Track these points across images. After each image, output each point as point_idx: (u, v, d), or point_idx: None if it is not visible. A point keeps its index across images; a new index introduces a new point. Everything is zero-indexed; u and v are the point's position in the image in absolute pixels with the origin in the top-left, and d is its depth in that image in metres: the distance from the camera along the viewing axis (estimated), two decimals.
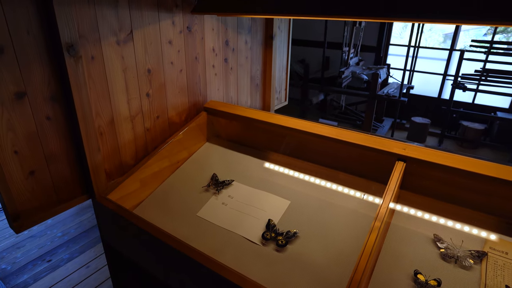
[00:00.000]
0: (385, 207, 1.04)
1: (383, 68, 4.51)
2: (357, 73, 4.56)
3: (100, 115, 1.28)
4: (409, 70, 4.79)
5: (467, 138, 4.54)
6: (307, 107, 4.83)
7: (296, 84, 4.92)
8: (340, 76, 4.15)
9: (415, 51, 4.54)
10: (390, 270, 1.02)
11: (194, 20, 1.56)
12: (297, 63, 5.19)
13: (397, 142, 1.25)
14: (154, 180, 1.47)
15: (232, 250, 1.14)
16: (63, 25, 1.04)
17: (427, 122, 4.63)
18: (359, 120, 5.09)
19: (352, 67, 4.61)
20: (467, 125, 4.52)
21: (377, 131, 4.69)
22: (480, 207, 1.14)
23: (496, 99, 4.73)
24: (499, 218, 1.12)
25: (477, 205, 1.14)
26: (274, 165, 1.51)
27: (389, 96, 4.08)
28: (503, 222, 1.11)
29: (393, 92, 4.27)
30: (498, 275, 0.98)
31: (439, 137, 4.74)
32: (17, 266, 2.28)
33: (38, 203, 1.16)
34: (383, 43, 5.22)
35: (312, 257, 1.09)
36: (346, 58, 4.45)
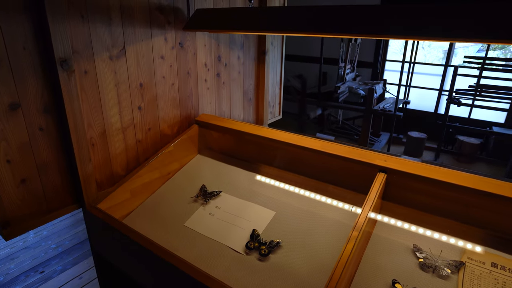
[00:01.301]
0: (363, 216, 1.06)
1: (379, 83, 4.58)
2: (354, 88, 4.63)
3: (92, 126, 1.32)
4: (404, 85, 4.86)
5: (463, 153, 4.56)
6: (304, 121, 4.89)
7: (293, 98, 5.00)
8: (336, 91, 4.22)
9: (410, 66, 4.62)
10: (369, 280, 1.04)
11: (186, 37, 1.63)
12: (295, 78, 5.28)
13: (379, 154, 1.29)
14: (144, 190, 1.51)
15: (216, 259, 1.16)
16: (57, 41, 1.10)
17: (424, 137, 4.67)
18: (357, 134, 5.13)
19: (348, 82, 4.69)
20: (463, 140, 4.55)
21: (374, 145, 4.72)
22: (459, 218, 1.16)
23: (491, 114, 4.77)
24: (477, 228, 1.14)
25: (456, 216, 1.17)
26: (262, 177, 1.54)
27: (384, 111, 4.13)
28: (481, 232, 1.13)
29: (389, 107, 4.32)
30: (474, 284, 1.00)
31: (435, 152, 4.76)
32: (10, 277, 2.28)
33: (28, 211, 1.20)
34: (380, 59, 5.31)
35: (294, 266, 1.11)
36: (342, 74, 4.53)
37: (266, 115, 2.41)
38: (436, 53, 9.41)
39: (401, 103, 4.69)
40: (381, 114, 4.14)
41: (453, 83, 4.24)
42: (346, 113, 5.58)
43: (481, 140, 4.59)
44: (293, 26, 1.30)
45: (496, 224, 1.12)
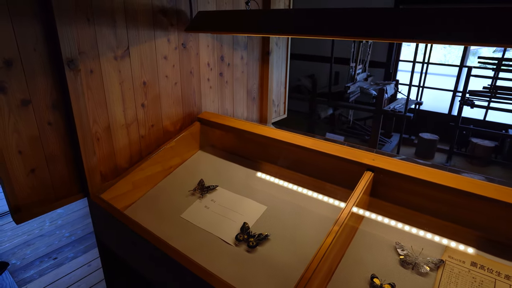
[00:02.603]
0: (346, 212, 1.11)
1: (390, 83, 4.54)
2: (365, 88, 4.61)
3: (97, 122, 1.42)
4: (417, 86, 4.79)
5: (476, 156, 4.46)
6: (314, 121, 4.90)
7: (304, 98, 5.02)
8: (346, 91, 4.22)
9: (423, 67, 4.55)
10: (350, 274, 1.08)
11: (189, 38, 1.71)
12: (306, 77, 5.30)
13: (368, 153, 1.32)
14: (146, 183, 1.59)
15: (206, 249, 1.23)
16: (65, 43, 1.20)
17: (435, 139, 4.59)
18: (367, 135, 5.10)
19: (359, 82, 4.67)
20: (476, 142, 4.45)
21: (384, 146, 4.69)
22: (443, 217, 1.19)
23: (508, 116, 4.64)
24: (461, 227, 1.16)
25: (441, 215, 1.19)
26: (257, 173, 1.60)
27: (394, 111, 4.10)
28: (464, 232, 1.15)
29: (399, 107, 4.28)
30: (451, 282, 1.03)
31: (447, 154, 4.67)
32: (26, 262, 2.44)
33: (37, 198, 1.30)
34: (393, 59, 5.25)
35: (279, 258, 1.16)
36: (353, 74, 4.52)
37: (270, 114, 2.46)
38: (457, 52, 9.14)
39: (413, 104, 4.63)
40: (391, 114, 4.11)
41: (467, 84, 4.16)
42: (358, 114, 5.55)
43: (496, 143, 4.48)
44: (291, 28, 1.34)
45: (480, 225, 1.14)
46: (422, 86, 5.08)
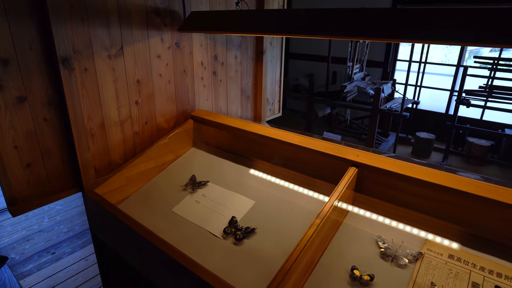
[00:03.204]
0: (328, 206, 1.15)
1: (387, 83, 4.57)
2: (362, 87, 4.64)
3: (92, 118, 1.46)
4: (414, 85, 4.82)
5: (472, 155, 4.49)
6: (312, 120, 4.94)
7: (302, 97, 5.06)
8: (342, 90, 4.25)
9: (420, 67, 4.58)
10: (332, 265, 1.12)
11: (183, 37, 1.75)
12: (305, 77, 5.33)
13: (353, 149, 1.36)
14: (140, 178, 1.64)
15: (195, 242, 1.28)
16: (59, 42, 1.24)
17: (432, 138, 4.62)
18: (365, 134, 5.13)
19: (356, 81, 4.70)
20: (472, 142, 4.48)
21: (381, 145, 4.72)
22: (424, 211, 1.23)
23: (505, 115, 4.66)
24: (441, 221, 1.20)
25: (421, 209, 1.23)
26: (248, 169, 1.64)
27: (391, 110, 4.13)
28: (444, 225, 1.19)
29: (396, 107, 4.31)
30: (428, 274, 1.07)
31: (444, 153, 4.70)
32: (25, 256, 2.49)
33: (33, 192, 1.35)
34: (390, 59, 5.28)
35: (265, 250, 1.20)
36: (350, 73, 4.55)
37: (264, 112, 2.50)
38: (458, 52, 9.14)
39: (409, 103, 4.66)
40: (387, 113, 4.14)
41: (463, 84, 4.19)
42: (356, 113, 5.59)
43: (492, 142, 4.50)
44: (282, 28, 1.38)
45: (459, 219, 1.17)
46: (420, 85, 5.11)
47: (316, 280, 1.08)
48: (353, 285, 1.05)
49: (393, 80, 4.89)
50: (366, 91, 4.63)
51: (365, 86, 4.63)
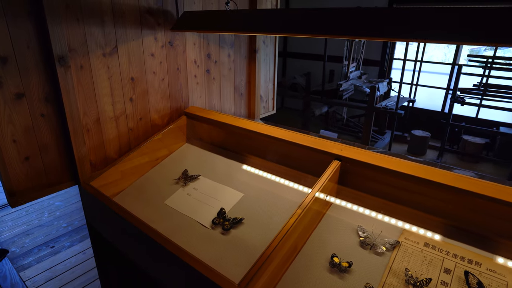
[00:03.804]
0: (310, 197, 1.21)
1: (383, 81, 4.62)
2: (358, 86, 4.69)
3: (87, 114, 1.53)
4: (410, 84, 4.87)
5: (467, 152, 4.54)
6: (308, 118, 5.00)
7: (299, 96, 5.11)
8: (338, 88, 4.31)
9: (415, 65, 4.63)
10: (313, 253, 1.18)
11: (176, 36, 1.81)
12: (302, 75, 5.39)
13: (337, 143, 1.42)
14: (134, 172, 1.70)
15: (185, 232, 1.34)
16: (56, 41, 1.30)
17: (427, 136, 4.67)
18: (361, 132, 5.18)
19: (352, 80, 4.75)
20: (467, 139, 4.53)
21: (377, 143, 4.77)
22: (403, 202, 1.28)
23: (500, 113, 4.71)
24: (418, 212, 1.25)
25: (400, 200, 1.29)
26: (238, 163, 1.70)
27: (386, 108, 4.18)
28: (422, 216, 1.24)
29: (391, 105, 4.36)
30: (404, 261, 1.13)
31: (439, 151, 4.75)
32: (25, 250, 2.56)
33: (31, 184, 1.41)
34: (387, 58, 5.33)
35: (250, 240, 1.26)
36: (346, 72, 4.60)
37: (258, 110, 2.56)
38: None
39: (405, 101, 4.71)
40: (382, 112, 4.20)
41: (457, 82, 4.24)
42: (353, 111, 5.64)
43: (487, 140, 4.55)
44: (272, 27, 1.44)
45: (435, 210, 1.23)
46: (416, 84, 5.15)
47: (297, 267, 1.14)
48: (332, 272, 1.11)
49: (389, 79, 4.93)
50: (362, 89, 4.68)
51: (361, 84, 4.68)
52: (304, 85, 5.04)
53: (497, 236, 1.13)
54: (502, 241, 1.13)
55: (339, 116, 5.44)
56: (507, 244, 1.11)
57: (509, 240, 1.12)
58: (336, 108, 5.36)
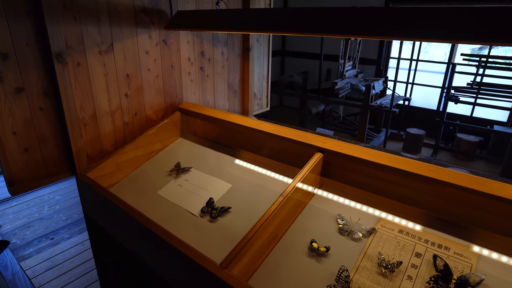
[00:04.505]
0: (291, 186, 1.28)
1: (378, 80, 4.69)
2: (354, 84, 4.76)
3: (84, 109, 1.60)
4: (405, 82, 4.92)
5: (461, 150, 4.60)
6: (305, 116, 5.07)
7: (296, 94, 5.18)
8: (333, 86, 4.37)
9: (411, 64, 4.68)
10: (294, 239, 1.26)
11: (170, 35, 1.88)
12: (299, 74, 5.45)
13: (320, 136, 1.49)
14: (129, 165, 1.78)
15: (175, 219, 1.42)
16: (53, 39, 1.38)
17: (422, 134, 4.73)
18: (357, 130, 5.25)
19: (348, 78, 4.82)
20: (461, 137, 4.59)
21: (372, 141, 4.84)
22: (381, 192, 1.36)
23: (494, 112, 4.77)
24: (395, 201, 1.33)
25: (378, 190, 1.36)
26: (228, 156, 1.78)
27: (381, 107, 4.25)
28: (398, 205, 1.32)
29: (386, 103, 4.43)
30: (379, 246, 1.20)
31: (434, 148, 4.82)
32: (25, 241, 2.65)
33: (30, 174, 1.49)
34: (383, 57, 5.39)
35: (236, 227, 1.34)
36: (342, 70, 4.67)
37: (251, 107, 2.63)
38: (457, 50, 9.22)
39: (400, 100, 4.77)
40: (377, 110, 4.26)
41: (451, 81, 4.29)
42: (349, 109, 5.70)
43: (481, 138, 4.61)
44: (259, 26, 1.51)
45: (410, 199, 1.30)
46: (412, 83, 5.21)
47: (278, 252, 1.21)
48: (311, 256, 1.18)
49: (385, 77, 5.00)
50: (358, 87, 4.74)
51: (357, 83, 4.74)
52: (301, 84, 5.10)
53: (468, 224, 1.21)
54: (472, 228, 1.20)
55: (335, 114, 5.50)
56: (476, 231, 1.19)
57: (478, 227, 1.19)
58: (333, 106, 5.43)
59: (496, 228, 1.16)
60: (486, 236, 1.17)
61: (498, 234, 1.15)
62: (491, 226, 1.17)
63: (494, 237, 1.16)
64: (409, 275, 1.09)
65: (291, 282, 1.10)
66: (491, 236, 1.16)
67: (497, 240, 1.14)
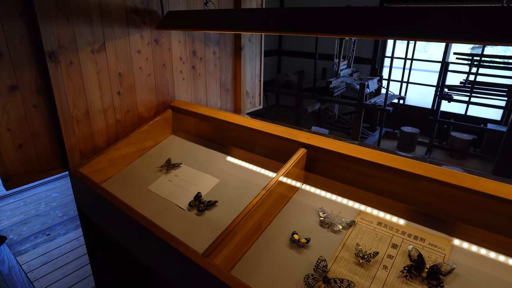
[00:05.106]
0: (274, 180, 1.33)
1: (373, 79, 4.73)
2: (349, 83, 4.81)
3: (77, 106, 1.65)
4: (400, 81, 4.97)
5: (455, 148, 4.65)
6: (300, 114, 5.11)
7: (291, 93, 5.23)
8: (328, 85, 4.42)
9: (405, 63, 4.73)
10: (277, 231, 1.31)
11: (162, 34, 1.93)
12: (295, 73, 5.50)
13: (304, 133, 1.54)
14: (122, 161, 1.83)
15: (163, 213, 1.47)
16: (46, 38, 1.43)
17: (416, 132, 4.78)
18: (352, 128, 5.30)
19: (344, 77, 4.86)
20: (455, 136, 4.64)
21: (367, 139, 4.89)
22: (361, 186, 1.41)
23: (489, 110, 4.81)
24: (375, 195, 1.38)
25: (359, 184, 1.41)
26: (217, 152, 1.83)
27: (374, 105, 4.29)
28: (378, 199, 1.37)
29: (381, 101, 4.48)
30: (357, 238, 1.25)
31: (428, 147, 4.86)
32: (22, 237, 2.70)
33: (24, 170, 1.54)
34: (378, 56, 5.43)
35: (222, 220, 1.39)
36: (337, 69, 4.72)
37: (244, 105, 2.68)
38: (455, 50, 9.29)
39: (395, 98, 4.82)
40: (371, 108, 4.31)
41: (444, 79, 4.34)
42: (345, 108, 5.75)
43: (474, 136, 4.66)
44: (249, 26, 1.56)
45: (391, 193, 1.35)
46: (407, 81, 5.26)
47: (261, 243, 1.26)
48: (292, 247, 1.23)
49: (380, 76, 5.04)
50: (353, 86, 4.79)
51: (351, 81, 4.79)
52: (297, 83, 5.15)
53: (445, 216, 1.25)
54: (448, 221, 1.25)
55: (331, 113, 5.55)
56: (451, 223, 1.24)
57: (454, 220, 1.24)
58: (328, 105, 5.47)
59: (471, 220, 1.21)
60: (461, 228, 1.22)
61: (472, 226, 1.20)
62: (466, 218, 1.22)
63: (468, 228, 1.21)
64: (385, 265, 1.14)
65: (272, 272, 1.15)
66: (466, 228, 1.21)
67: (471, 232, 1.19)
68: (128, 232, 1.46)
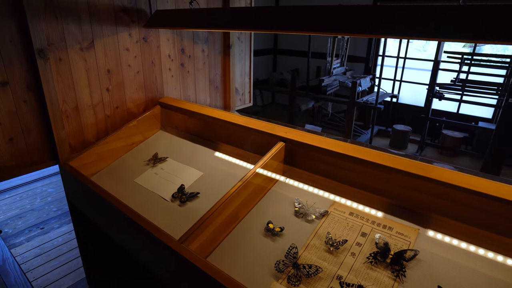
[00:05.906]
0: (251, 172, 1.40)
1: (365, 77, 4.79)
2: (342, 81, 4.87)
3: (67, 102, 1.72)
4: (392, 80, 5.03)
5: (446, 146, 4.71)
6: (294, 112, 5.17)
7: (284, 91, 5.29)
8: (320, 84, 4.48)
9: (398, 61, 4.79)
10: (254, 221, 1.37)
11: (150, 32, 1.99)
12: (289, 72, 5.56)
13: (283, 127, 1.61)
14: (110, 155, 1.89)
15: (148, 204, 1.53)
16: (35, 36, 1.49)
17: (408, 130, 4.84)
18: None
19: (337, 75, 4.92)
20: (446, 134, 4.70)
21: (360, 137, 4.95)
22: (335, 178, 1.47)
23: (480, 109, 4.87)
24: (348, 186, 1.44)
25: (333, 176, 1.47)
26: (202, 147, 1.89)
27: (366, 103, 4.35)
28: (351, 190, 1.43)
29: (373, 100, 4.54)
30: (329, 227, 1.31)
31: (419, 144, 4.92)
32: (17, 230, 2.77)
33: (15, 163, 1.61)
34: (371, 54, 5.49)
35: (202, 210, 1.44)
36: (329, 68, 4.77)
37: (233, 102, 2.74)
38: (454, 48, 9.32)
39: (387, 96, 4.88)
40: (363, 106, 4.37)
41: (435, 78, 4.40)
42: (338, 106, 5.81)
43: (465, 134, 4.72)
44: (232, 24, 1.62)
45: (363, 184, 1.42)
46: (400, 80, 5.32)
47: (238, 231, 1.33)
48: (266, 236, 1.30)
49: (373, 75, 5.10)
50: (346, 84, 4.85)
51: (344, 79, 4.85)
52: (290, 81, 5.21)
53: (415, 207, 1.32)
54: (416, 210, 1.31)
55: (324, 111, 5.61)
56: (419, 213, 1.30)
57: (422, 209, 1.30)
58: (322, 103, 5.53)
59: (436, 209, 1.27)
60: (427, 217, 1.28)
61: (437, 215, 1.26)
62: (432, 208, 1.28)
63: (433, 217, 1.27)
64: (353, 252, 1.21)
65: (246, 259, 1.21)
66: (431, 217, 1.27)
67: (435, 220, 1.26)
68: (113, 221, 1.53)
